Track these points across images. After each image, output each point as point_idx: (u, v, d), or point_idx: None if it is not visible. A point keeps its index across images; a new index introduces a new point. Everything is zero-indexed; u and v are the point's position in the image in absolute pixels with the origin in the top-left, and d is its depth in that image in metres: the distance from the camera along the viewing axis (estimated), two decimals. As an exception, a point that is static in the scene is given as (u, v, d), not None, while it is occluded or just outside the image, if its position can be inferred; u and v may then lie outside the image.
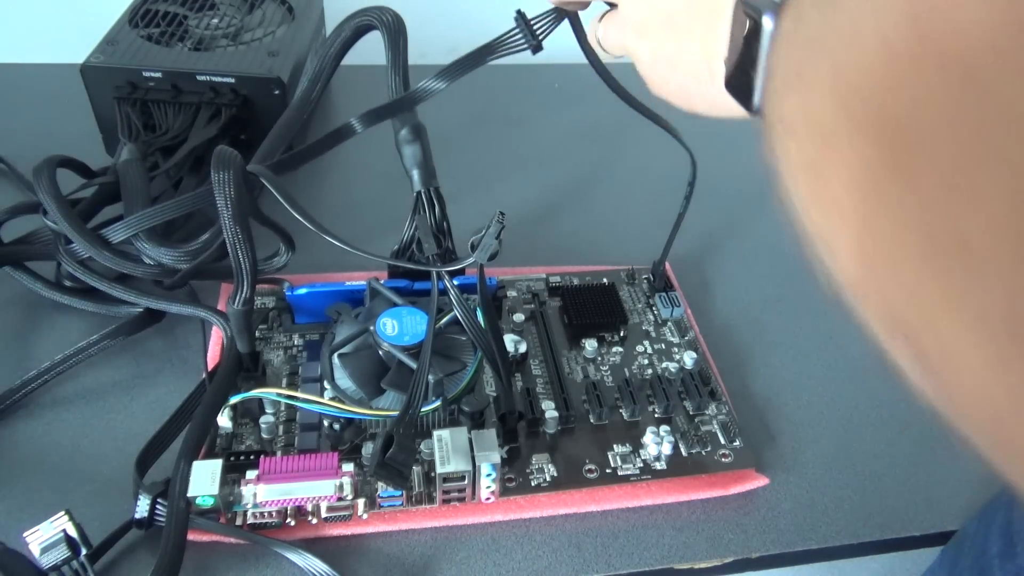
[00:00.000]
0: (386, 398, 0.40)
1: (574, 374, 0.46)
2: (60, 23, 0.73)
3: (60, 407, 0.42)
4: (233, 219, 0.38)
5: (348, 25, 0.51)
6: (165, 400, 0.42)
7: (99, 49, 0.56)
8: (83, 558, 0.34)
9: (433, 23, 0.74)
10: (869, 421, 0.47)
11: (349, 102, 0.70)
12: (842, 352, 0.51)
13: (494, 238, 0.41)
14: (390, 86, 0.48)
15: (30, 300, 0.47)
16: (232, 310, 0.40)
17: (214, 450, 0.40)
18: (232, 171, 0.38)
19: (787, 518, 0.41)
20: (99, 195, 0.48)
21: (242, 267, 0.39)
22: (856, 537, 0.41)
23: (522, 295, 0.51)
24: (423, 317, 0.42)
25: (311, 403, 0.40)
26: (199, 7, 0.63)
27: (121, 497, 0.37)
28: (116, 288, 0.45)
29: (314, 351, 0.45)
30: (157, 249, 0.44)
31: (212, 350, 0.44)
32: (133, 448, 0.38)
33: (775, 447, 0.44)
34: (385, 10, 0.49)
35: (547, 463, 0.41)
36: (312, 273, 0.49)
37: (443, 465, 0.37)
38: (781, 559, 0.40)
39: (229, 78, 0.55)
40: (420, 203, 0.47)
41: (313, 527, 0.37)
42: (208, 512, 0.35)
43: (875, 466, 0.44)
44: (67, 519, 0.33)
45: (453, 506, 0.39)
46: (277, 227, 0.44)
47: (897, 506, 0.42)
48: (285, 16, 0.65)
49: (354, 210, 0.58)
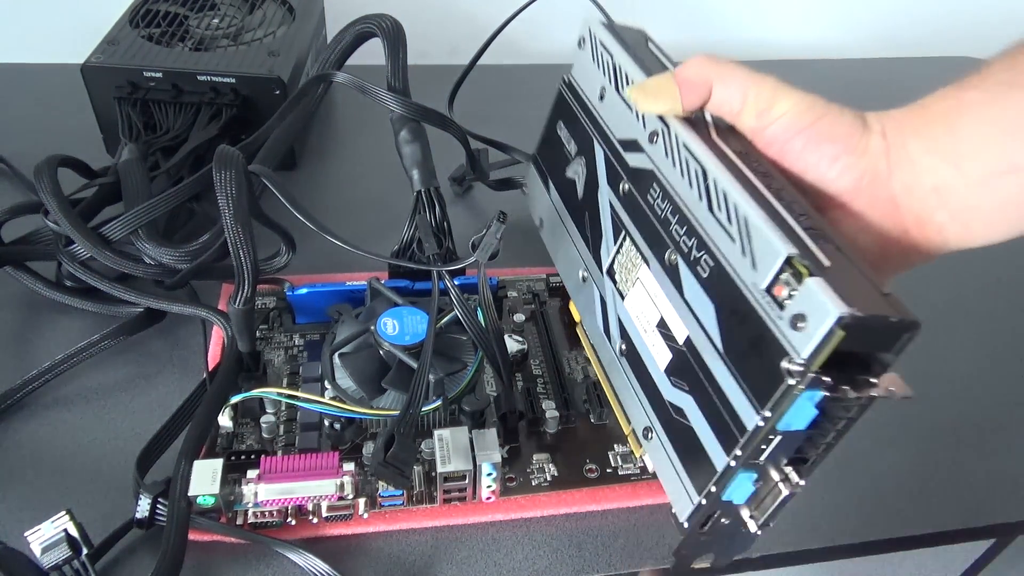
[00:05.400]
0: (387, 398, 0.41)
1: (574, 374, 0.46)
2: (60, 23, 0.73)
3: (61, 407, 0.42)
4: (235, 218, 0.38)
5: (349, 32, 0.51)
6: (166, 400, 0.42)
7: (99, 49, 0.56)
8: (84, 558, 0.34)
9: (433, 24, 0.74)
10: (869, 421, 0.46)
11: (349, 102, 0.71)
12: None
13: (495, 237, 0.41)
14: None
15: (31, 300, 0.47)
16: (233, 310, 0.40)
17: (215, 450, 0.40)
18: (234, 170, 0.38)
19: (787, 518, 0.41)
20: (100, 195, 0.48)
21: (243, 267, 0.39)
22: (856, 537, 0.41)
23: (522, 295, 0.51)
24: (424, 317, 0.42)
25: (312, 403, 0.40)
26: (200, 7, 0.63)
27: (122, 497, 0.37)
28: (117, 288, 0.45)
29: (315, 351, 0.45)
30: (158, 249, 0.44)
31: (213, 350, 0.44)
32: (134, 448, 0.38)
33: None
34: (385, 17, 0.50)
35: (547, 463, 0.41)
36: (313, 273, 0.49)
37: (444, 464, 0.37)
38: (781, 559, 0.40)
39: (230, 78, 0.56)
40: (420, 203, 0.47)
41: (314, 527, 0.37)
42: (209, 512, 0.35)
43: (875, 466, 0.44)
44: (68, 519, 0.33)
45: (454, 505, 0.39)
46: (278, 227, 0.44)
47: (897, 506, 0.42)
48: (285, 16, 0.65)
49: (354, 210, 0.58)
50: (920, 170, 0.30)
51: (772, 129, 0.32)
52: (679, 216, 0.32)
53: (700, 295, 0.30)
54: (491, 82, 0.64)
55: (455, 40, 0.74)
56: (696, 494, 0.30)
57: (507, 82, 0.73)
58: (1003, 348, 0.53)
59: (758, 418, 0.27)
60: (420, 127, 0.48)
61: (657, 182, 0.33)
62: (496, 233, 0.41)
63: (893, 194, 0.31)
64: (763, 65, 0.33)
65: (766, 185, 0.30)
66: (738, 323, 0.28)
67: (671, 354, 0.32)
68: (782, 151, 0.32)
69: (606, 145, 0.38)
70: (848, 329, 0.24)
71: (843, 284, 0.25)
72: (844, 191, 0.31)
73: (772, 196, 0.29)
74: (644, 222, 0.34)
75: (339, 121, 0.69)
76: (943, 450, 0.45)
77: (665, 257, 0.33)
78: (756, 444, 0.27)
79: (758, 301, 0.27)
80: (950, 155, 0.29)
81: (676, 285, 0.32)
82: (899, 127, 0.31)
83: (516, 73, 0.74)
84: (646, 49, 0.38)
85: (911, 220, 0.31)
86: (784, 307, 0.26)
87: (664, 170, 0.33)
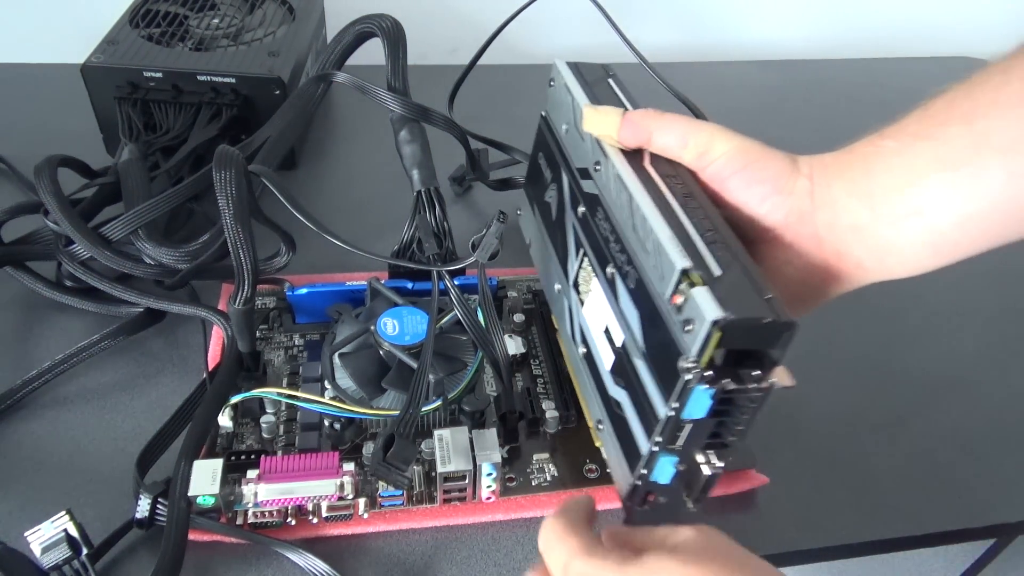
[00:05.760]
0: (387, 398, 0.41)
1: (574, 374, 0.46)
2: (60, 23, 0.73)
3: (61, 407, 0.42)
4: (235, 218, 0.38)
5: (349, 32, 0.51)
6: (166, 400, 0.42)
7: (99, 49, 0.56)
8: (84, 558, 0.34)
9: (433, 24, 0.74)
10: (869, 421, 0.47)
11: (349, 102, 0.71)
12: (843, 352, 0.51)
13: (495, 237, 0.41)
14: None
15: (31, 300, 0.47)
16: (233, 310, 0.40)
17: (215, 450, 0.40)
18: (234, 170, 0.38)
19: (787, 518, 0.41)
20: (100, 195, 0.48)
21: (243, 267, 0.39)
22: (856, 537, 0.41)
23: (522, 295, 0.51)
24: (424, 317, 0.42)
25: (312, 403, 0.40)
26: (200, 7, 0.63)
27: (122, 497, 0.37)
28: (117, 288, 0.45)
29: (315, 351, 0.45)
30: (158, 249, 0.44)
31: (213, 350, 0.44)
32: (134, 448, 0.38)
33: (775, 447, 0.44)
34: (385, 17, 0.50)
35: (547, 463, 0.41)
36: (312, 273, 0.49)
37: (444, 464, 0.37)
38: (781, 559, 0.40)
39: (230, 78, 0.56)
40: (420, 203, 0.47)
41: (314, 527, 0.37)
42: (209, 512, 0.35)
43: (875, 466, 0.44)
44: (68, 519, 0.33)
45: (454, 505, 0.39)
46: (278, 227, 0.44)
47: (897, 506, 0.42)
48: (285, 16, 0.65)
49: (354, 210, 0.58)
50: (840, 210, 0.33)
51: (711, 169, 0.35)
52: (615, 235, 0.36)
53: (629, 304, 0.34)
54: (491, 82, 0.65)
55: (455, 40, 0.74)
56: (631, 476, 0.34)
57: (507, 82, 0.73)
58: (1003, 348, 0.53)
59: (667, 409, 0.30)
60: (420, 127, 0.49)
61: (601, 206, 0.37)
62: (496, 233, 0.41)
63: (816, 230, 0.34)
64: (761, 65, 0.33)
65: (683, 205, 0.33)
66: (654, 328, 0.32)
67: (613, 356, 0.36)
68: (722, 187, 0.35)
69: (569, 173, 0.42)
70: (725, 330, 0.28)
71: (727, 292, 0.29)
72: (774, 225, 0.34)
73: (686, 216, 0.33)
74: (594, 240, 0.38)
75: (339, 121, 0.69)
76: (943, 450, 0.45)
77: (607, 271, 0.37)
78: (670, 431, 0.31)
79: (665, 308, 0.31)
80: (866, 197, 0.32)
81: (614, 296, 0.36)
82: (825, 169, 0.34)
83: (516, 73, 0.74)
84: (605, 84, 0.41)
85: (832, 254, 0.34)
86: (681, 312, 0.30)
87: (605, 195, 0.37)
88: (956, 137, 0.30)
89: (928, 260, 0.33)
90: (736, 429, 0.31)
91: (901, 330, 0.53)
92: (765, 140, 0.37)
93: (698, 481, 0.32)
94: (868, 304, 0.55)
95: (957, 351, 0.52)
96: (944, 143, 0.31)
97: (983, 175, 0.30)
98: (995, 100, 0.30)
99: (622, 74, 0.42)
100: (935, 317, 0.55)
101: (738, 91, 0.77)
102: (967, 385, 0.50)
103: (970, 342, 0.53)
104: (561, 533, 0.30)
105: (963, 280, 0.58)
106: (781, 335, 0.29)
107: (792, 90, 0.79)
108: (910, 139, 0.32)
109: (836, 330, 0.52)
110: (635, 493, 0.34)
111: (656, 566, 0.27)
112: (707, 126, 0.36)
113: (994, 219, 0.31)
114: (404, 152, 0.48)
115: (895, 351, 0.51)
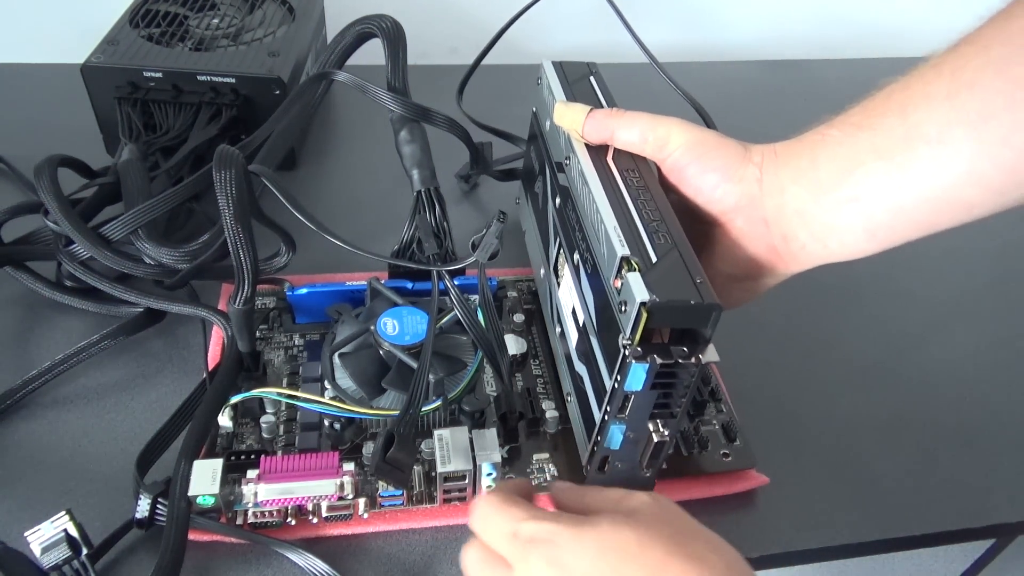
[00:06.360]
0: (387, 397, 0.41)
1: (574, 374, 0.46)
2: (60, 23, 0.73)
3: (61, 407, 0.42)
4: (235, 218, 0.38)
5: (349, 32, 0.51)
6: (166, 400, 0.42)
7: (99, 49, 0.56)
8: (84, 558, 0.34)
9: (433, 24, 0.74)
10: (869, 421, 0.47)
11: (349, 102, 0.71)
12: (842, 352, 0.51)
13: (495, 237, 0.41)
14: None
15: (31, 300, 0.47)
16: (233, 310, 0.40)
17: (215, 450, 0.40)
18: (234, 170, 0.38)
19: (787, 518, 0.41)
20: (100, 195, 0.48)
21: (243, 267, 0.39)
22: (856, 537, 0.41)
23: (522, 295, 0.51)
24: (424, 317, 0.42)
25: (312, 402, 0.40)
26: (199, 7, 0.63)
27: (122, 497, 0.37)
28: (117, 288, 0.45)
29: (315, 351, 0.45)
30: (158, 249, 0.44)
31: (213, 350, 0.44)
32: (134, 448, 0.38)
33: (775, 447, 0.44)
34: (384, 18, 0.50)
35: (547, 463, 0.41)
36: (312, 273, 0.49)
37: (444, 464, 0.37)
38: (781, 559, 0.40)
39: (230, 78, 0.56)
40: (420, 203, 0.47)
41: (314, 527, 0.37)
42: (209, 512, 0.35)
43: (875, 466, 0.44)
44: (68, 519, 0.33)
45: (454, 505, 0.39)
46: (278, 227, 0.44)
47: (897, 506, 0.42)
48: (285, 16, 0.65)
49: (354, 210, 0.58)
50: (787, 196, 0.35)
51: (670, 160, 0.38)
52: (579, 225, 0.39)
53: (588, 288, 0.38)
54: (491, 82, 0.65)
55: (455, 40, 0.74)
56: (588, 443, 0.37)
57: (507, 82, 0.73)
58: (1004, 348, 0.53)
59: (612, 382, 0.34)
60: (420, 127, 0.49)
61: (570, 197, 0.41)
62: (496, 233, 0.41)
63: (765, 214, 0.36)
64: (760, 65, 0.33)
65: (635, 198, 0.37)
66: (603, 310, 0.35)
67: (577, 335, 0.39)
68: (681, 176, 0.38)
69: (550, 167, 0.45)
70: (652, 311, 0.31)
71: (659, 277, 0.32)
72: (727, 210, 0.37)
73: (635, 208, 0.36)
74: (566, 229, 0.41)
75: (339, 121, 0.69)
76: (943, 450, 0.45)
77: (574, 258, 0.40)
78: (617, 402, 0.34)
79: (611, 292, 0.34)
80: (810, 184, 0.35)
81: (578, 280, 0.39)
82: (775, 158, 0.36)
83: (516, 73, 0.74)
84: (585, 82, 0.44)
85: (779, 237, 0.36)
86: (620, 295, 0.33)
87: (572, 187, 0.40)
88: (892, 128, 0.32)
89: (865, 244, 0.34)
90: (680, 400, 0.34)
91: (901, 330, 0.53)
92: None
93: (648, 449, 0.35)
94: (868, 305, 0.55)
95: (957, 351, 0.52)
96: (881, 133, 0.32)
97: (915, 164, 0.31)
98: (926, 93, 0.31)
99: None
100: (935, 317, 0.55)
101: (738, 91, 0.77)
102: (967, 385, 0.50)
103: (970, 342, 0.53)
104: (499, 505, 0.31)
105: (963, 280, 0.58)
106: (710, 315, 0.32)
107: (792, 90, 0.79)
108: (852, 129, 0.34)
109: (836, 331, 0.52)
110: (593, 458, 0.37)
111: (609, 528, 0.28)
112: (666, 120, 0.38)
113: (925, 207, 0.32)
114: (404, 152, 0.48)
115: (895, 351, 0.51)
